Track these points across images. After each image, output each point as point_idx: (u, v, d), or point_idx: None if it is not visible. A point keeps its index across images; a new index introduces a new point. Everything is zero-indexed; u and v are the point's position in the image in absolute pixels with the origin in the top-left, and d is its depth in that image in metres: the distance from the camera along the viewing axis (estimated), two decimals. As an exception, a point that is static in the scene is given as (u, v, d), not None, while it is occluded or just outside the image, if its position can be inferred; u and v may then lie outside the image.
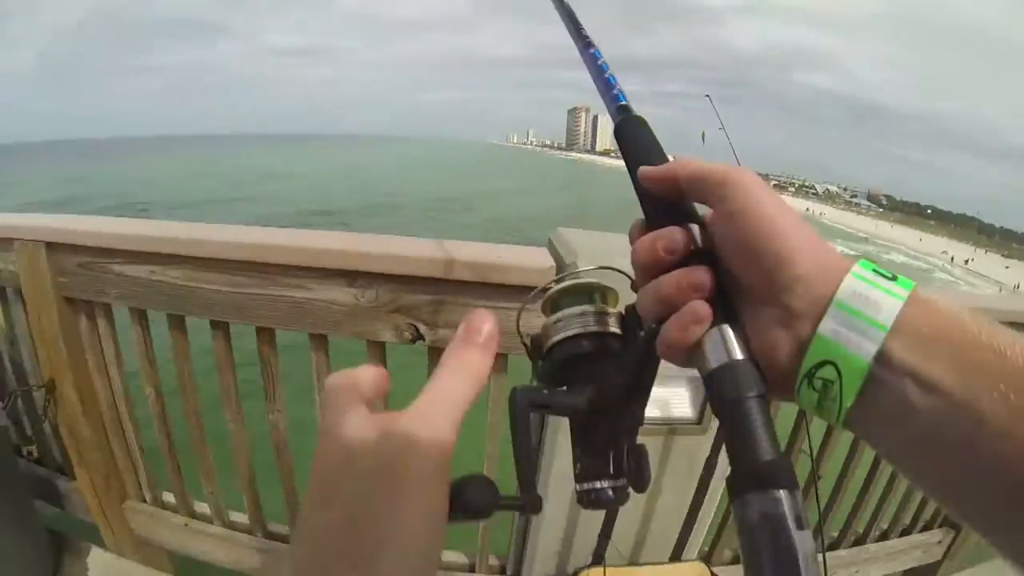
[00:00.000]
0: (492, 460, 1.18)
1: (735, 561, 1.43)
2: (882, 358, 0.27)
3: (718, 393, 0.30)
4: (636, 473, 0.39)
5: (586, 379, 0.40)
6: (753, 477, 0.27)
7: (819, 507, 1.36)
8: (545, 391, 0.40)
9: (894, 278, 0.29)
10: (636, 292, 0.35)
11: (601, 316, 0.41)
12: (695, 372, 0.32)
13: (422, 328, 1.03)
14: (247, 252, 1.02)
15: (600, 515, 1.13)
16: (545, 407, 0.39)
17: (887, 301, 0.27)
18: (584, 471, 0.40)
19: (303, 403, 1.18)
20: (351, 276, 1.00)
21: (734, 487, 0.28)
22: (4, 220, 1.35)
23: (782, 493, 0.26)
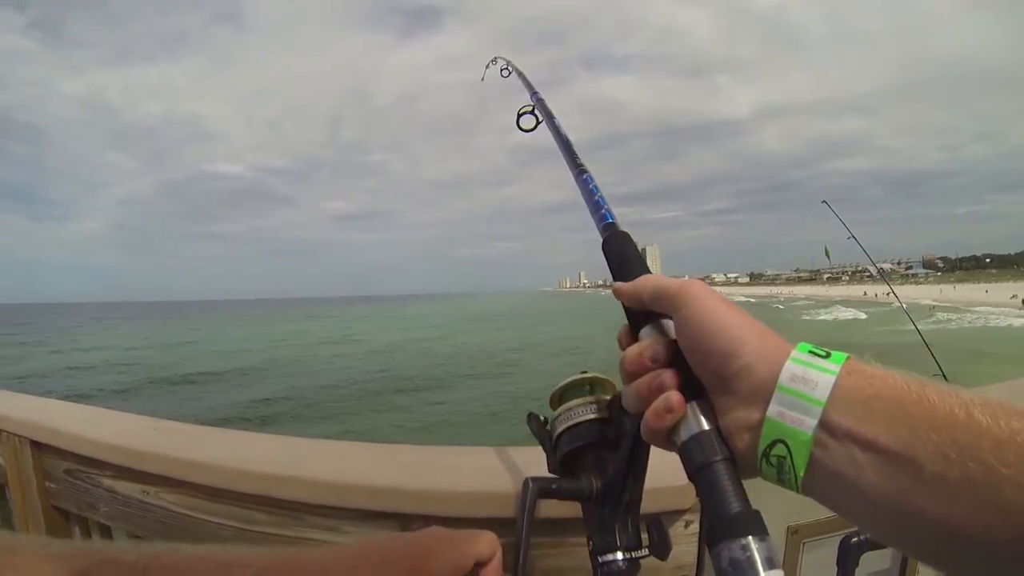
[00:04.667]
0: None
1: None
2: (824, 428, 0.30)
3: (688, 461, 0.35)
4: (659, 544, 0.44)
5: (591, 466, 0.48)
6: (722, 528, 0.31)
7: None
8: (554, 481, 0.48)
9: (827, 355, 0.33)
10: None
11: (597, 404, 0.49)
12: None
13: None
14: (258, 485, 0.73)
15: None
16: (554, 494, 0.47)
17: (821, 378, 0.31)
18: (598, 546, 0.45)
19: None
20: (403, 520, 0.69)
21: (709, 541, 0.31)
22: (-8, 405, 1.13)
23: (750, 539, 0.29)
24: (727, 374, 0.34)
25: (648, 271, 0.45)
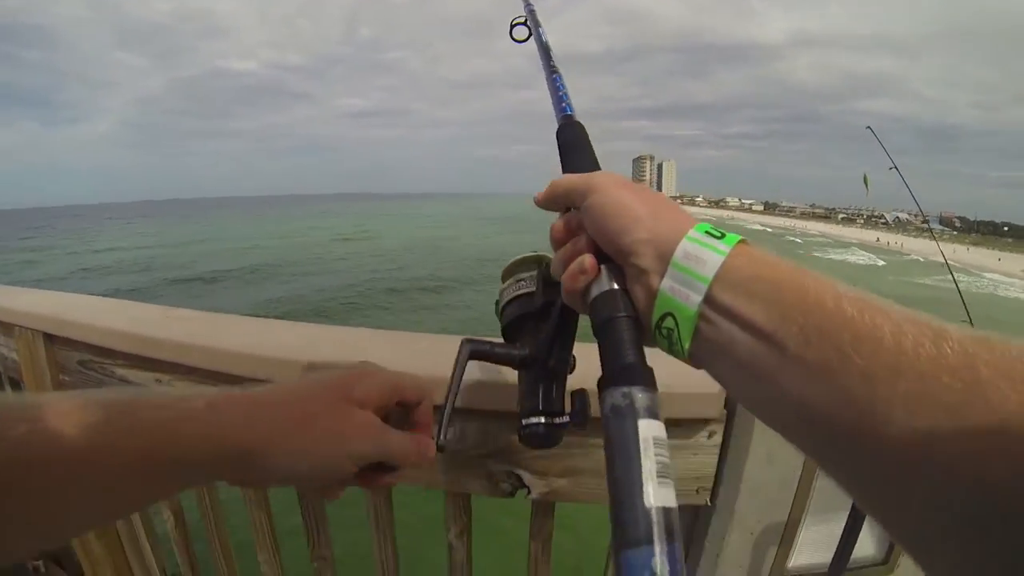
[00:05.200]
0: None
1: None
2: (708, 303, 0.33)
3: (595, 316, 0.37)
4: (580, 412, 0.45)
5: (529, 336, 0.49)
6: (611, 377, 0.32)
7: None
8: (488, 344, 0.49)
9: (722, 236, 0.35)
10: None
11: (540, 278, 0.50)
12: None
13: (527, 477, 0.69)
14: (272, 371, 0.70)
15: None
16: (486, 356, 0.48)
17: (711, 257, 0.33)
18: (523, 410, 0.47)
19: (357, 546, 0.86)
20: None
21: (598, 386, 0.33)
22: (5, 301, 1.12)
23: (634, 388, 0.31)
24: (624, 249, 0.36)
25: (597, 165, 0.47)
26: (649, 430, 0.29)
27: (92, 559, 1.19)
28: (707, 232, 0.35)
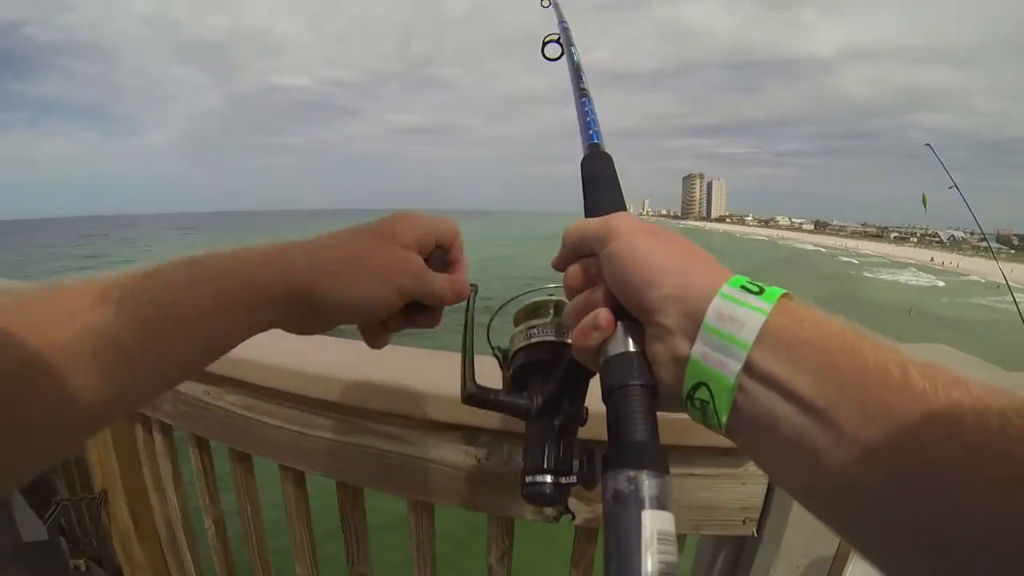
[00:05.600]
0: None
1: None
2: (747, 371, 0.28)
3: (605, 380, 0.34)
4: (587, 473, 0.41)
5: (538, 387, 0.46)
6: (618, 456, 0.29)
7: None
8: (493, 392, 0.46)
9: (760, 291, 0.30)
10: None
11: (555, 326, 0.47)
12: None
13: (572, 503, 0.68)
14: (318, 388, 0.71)
15: None
16: (491, 405, 0.46)
17: (751, 318, 0.29)
18: (527, 466, 0.43)
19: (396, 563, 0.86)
20: (470, 432, 0.67)
21: (603, 467, 0.30)
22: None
23: (643, 473, 0.28)
24: (647, 306, 0.33)
25: (623, 203, 0.44)
26: (655, 523, 0.26)
27: (133, 563, 1.22)
28: (743, 287, 0.31)
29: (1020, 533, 0.20)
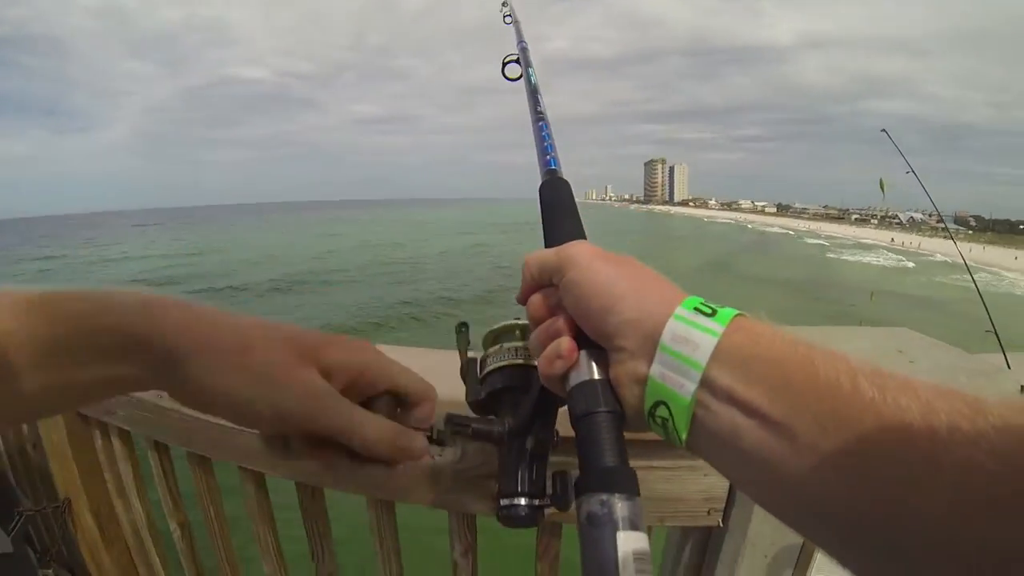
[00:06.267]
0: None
1: None
2: (705, 387, 0.29)
3: (573, 407, 0.35)
4: (560, 496, 0.42)
5: (509, 410, 0.46)
6: (589, 481, 0.30)
7: None
8: (471, 420, 0.45)
9: (713, 313, 0.31)
10: None
11: (517, 350, 0.48)
12: None
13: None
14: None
15: None
16: (464, 428, 0.44)
17: (704, 340, 0.30)
18: (501, 489, 0.44)
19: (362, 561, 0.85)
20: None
21: (575, 492, 0.31)
22: None
23: (614, 496, 0.29)
24: (608, 332, 0.34)
25: (580, 229, 0.44)
26: (629, 543, 0.27)
27: (102, 570, 1.19)
28: (696, 309, 0.32)
29: (971, 540, 0.21)
